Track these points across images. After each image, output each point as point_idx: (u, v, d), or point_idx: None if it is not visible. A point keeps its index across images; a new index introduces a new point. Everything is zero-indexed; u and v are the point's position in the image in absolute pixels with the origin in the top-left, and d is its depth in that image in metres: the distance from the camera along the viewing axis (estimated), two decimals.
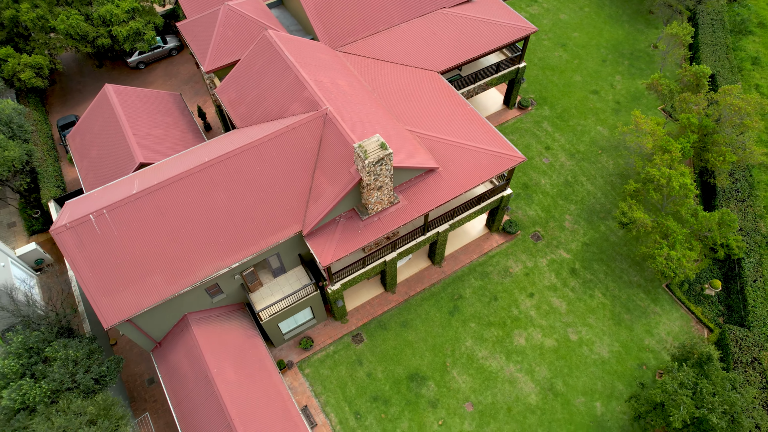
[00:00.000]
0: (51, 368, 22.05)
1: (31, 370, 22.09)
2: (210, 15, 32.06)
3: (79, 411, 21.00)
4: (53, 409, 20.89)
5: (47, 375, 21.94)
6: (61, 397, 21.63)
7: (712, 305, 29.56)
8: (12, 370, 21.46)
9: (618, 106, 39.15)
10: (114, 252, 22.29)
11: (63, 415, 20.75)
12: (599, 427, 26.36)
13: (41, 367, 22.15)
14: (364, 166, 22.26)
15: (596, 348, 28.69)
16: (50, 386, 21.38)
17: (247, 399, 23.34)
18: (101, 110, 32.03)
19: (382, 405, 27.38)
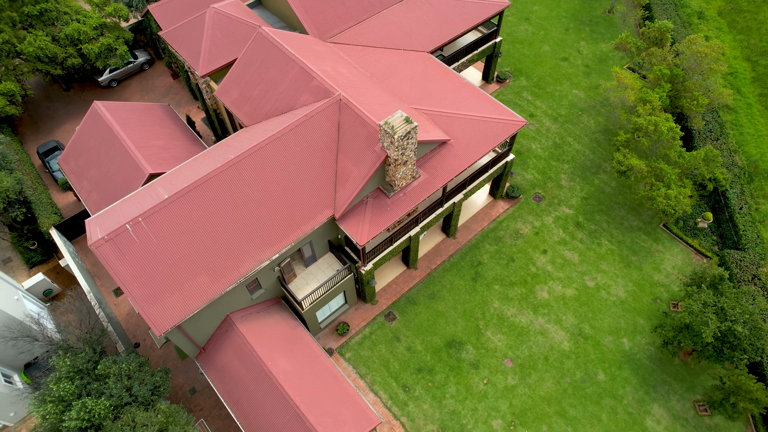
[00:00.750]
0: (106, 385, 21.63)
1: (86, 389, 21.59)
2: (195, 20, 31.86)
3: (146, 422, 20.76)
4: (119, 424, 20.56)
5: (104, 392, 21.52)
6: (123, 412, 21.28)
7: (706, 236, 32.21)
8: (69, 392, 20.93)
9: (588, 69, 41.61)
10: (155, 259, 22.09)
11: (130, 429, 20.47)
12: (630, 360, 28.31)
13: (95, 386, 21.69)
14: (392, 142, 23.06)
15: (613, 290, 30.70)
16: (111, 402, 21.00)
17: (307, 386, 23.67)
18: (94, 128, 31.25)
19: (427, 375, 28.28)
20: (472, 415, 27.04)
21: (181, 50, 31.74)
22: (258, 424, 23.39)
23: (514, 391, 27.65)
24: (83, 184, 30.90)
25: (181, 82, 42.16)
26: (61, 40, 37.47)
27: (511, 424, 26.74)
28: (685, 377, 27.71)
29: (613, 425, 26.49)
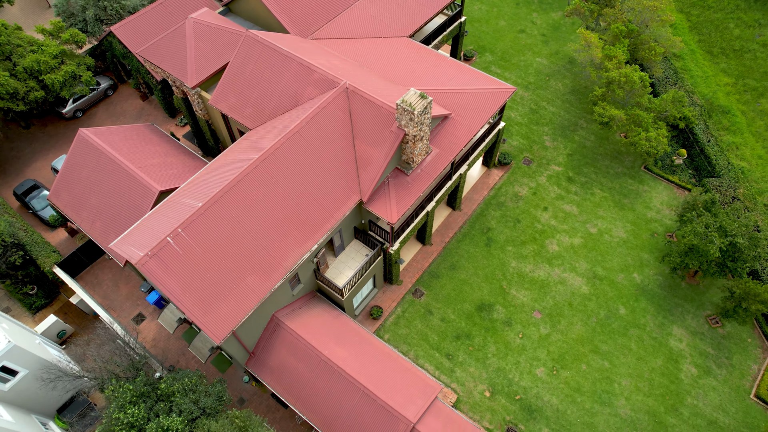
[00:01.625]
0: (174, 402, 21.27)
1: (154, 410, 21.13)
2: (173, 33, 31.36)
3: (222, 431, 20.64)
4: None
5: (172, 409, 21.16)
6: (196, 425, 21.02)
7: (683, 171, 35.31)
8: (138, 416, 20.44)
9: (545, 37, 44.22)
10: (201, 267, 21.92)
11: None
12: (644, 291, 30.71)
13: (162, 405, 21.28)
14: (412, 118, 24.00)
15: (614, 233, 33.09)
16: (183, 416, 20.71)
17: (367, 367, 24.20)
18: (84, 157, 30.17)
19: (465, 340, 29.45)
20: (516, 368, 28.47)
21: (165, 65, 31.15)
22: (326, 413, 23.68)
23: (549, 339, 29.34)
24: (83, 215, 29.75)
25: (152, 103, 41.05)
26: (19, 74, 35.63)
27: (552, 369, 28.39)
28: (693, 297, 30.41)
29: (642, 351, 28.71)
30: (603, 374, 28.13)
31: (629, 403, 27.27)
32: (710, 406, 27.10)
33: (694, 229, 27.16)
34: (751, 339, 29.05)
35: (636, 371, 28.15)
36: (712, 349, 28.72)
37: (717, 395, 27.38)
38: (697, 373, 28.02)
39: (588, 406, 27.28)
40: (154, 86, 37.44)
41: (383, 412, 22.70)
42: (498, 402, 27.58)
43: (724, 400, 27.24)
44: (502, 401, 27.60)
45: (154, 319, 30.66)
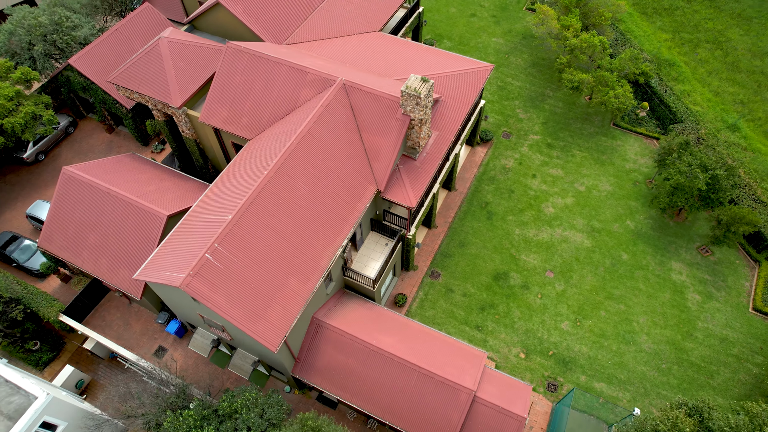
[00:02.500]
0: (240, 418, 20.93)
1: (221, 430, 20.70)
2: (146, 56, 30.47)
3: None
4: None
5: (238, 427, 20.82)
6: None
7: (648, 122, 38.23)
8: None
9: (496, 18, 46.32)
10: (243, 277, 21.68)
11: None
12: (639, 235, 33.07)
13: (229, 423, 20.89)
14: (418, 103, 24.80)
15: (601, 187, 35.36)
16: (254, 431, 20.45)
17: (416, 348, 24.73)
18: (74, 195, 28.79)
19: (490, 310, 30.58)
20: (543, 327, 29.91)
21: (143, 89, 30.20)
22: (385, 401, 24.00)
23: (565, 295, 31.02)
24: (84, 256, 28.37)
25: (120, 135, 39.45)
26: None
27: (576, 321, 30.06)
28: (683, 233, 33.10)
29: (650, 289, 30.96)
30: (621, 316, 30.11)
31: (650, 337, 29.37)
32: (718, 326, 29.68)
33: (679, 169, 29.65)
34: (738, 260, 32.02)
35: (649, 308, 30.34)
36: (709, 276, 31.42)
37: (722, 315, 30.02)
38: (701, 299, 30.58)
39: (615, 347, 29.13)
40: (123, 115, 36.08)
41: (443, 386, 23.33)
42: (534, 361, 28.89)
43: (729, 318, 29.90)
44: (538, 359, 28.94)
45: (177, 349, 29.68)
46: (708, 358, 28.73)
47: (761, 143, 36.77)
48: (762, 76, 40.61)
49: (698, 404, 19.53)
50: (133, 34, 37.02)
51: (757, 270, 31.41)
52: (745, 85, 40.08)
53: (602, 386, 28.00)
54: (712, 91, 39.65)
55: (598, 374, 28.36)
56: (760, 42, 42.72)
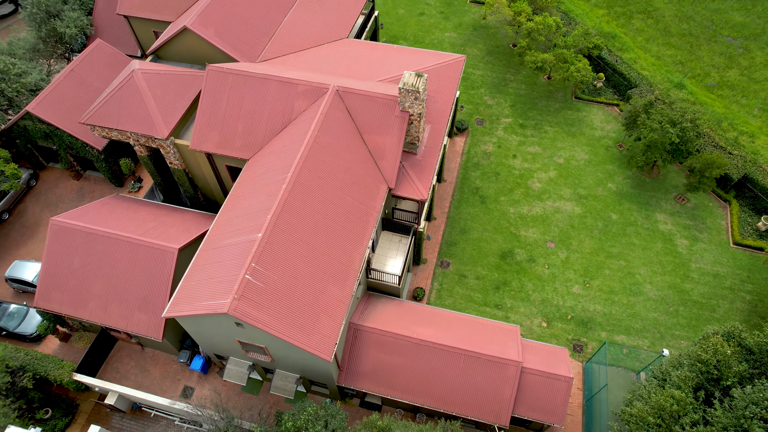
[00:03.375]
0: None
1: None
2: (122, 90, 29.29)
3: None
4: None
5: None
6: None
7: (606, 91, 40.96)
8: None
9: (443, 14, 48.01)
10: (284, 293, 21.43)
11: None
12: (622, 195, 35.35)
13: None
14: (417, 97, 25.52)
15: (578, 157, 37.52)
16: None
17: (454, 333, 25.30)
18: (70, 246, 27.27)
19: (505, 287, 31.68)
20: (556, 293, 31.34)
21: (124, 125, 29.02)
22: (437, 391, 24.37)
23: (569, 261, 32.66)
24: (90, 307, 26.87)
25: (89, 180, 37.49)
26: None
27: (585, 283, 31.73)
28: (659, 187, 35.73)
29: (643, 241, 33.20)
30: (624, 271, 32.09)
31: (653, 286, 31.50)
32: (709, 264, 32.29)
33: (651, 127, 32.09)
34: (711, 203, 34.98)
35: (646, 259, 32.53)
36: (690, 221, 34.12)
37: (710, 254, 32.69)
38: (689, 243, 33.15)
39: (625, 300, 31.00)
40: (94, 158, 34.42)
41: (490, 364, 24.01)
42: (556, 327, 30.21)
43: (716, 256, 32.61)
44: (559, 325, 30.29)
45: (204, 386, 28.61)
46: (707, 294, 31.18)
47: (705, 96, 40.32)
48: (691, 37, 44.54)
49: (730, 329, 21.34)
50: (90, 73, 35.50)
51: (728, 209, 34.43)
52: (679, 47, 43.82)
53: (622, 338, 29.73)
54: (653, 56, 43.06)
55: (616, 328, 30.08)
56: (683, 8, 46.83)
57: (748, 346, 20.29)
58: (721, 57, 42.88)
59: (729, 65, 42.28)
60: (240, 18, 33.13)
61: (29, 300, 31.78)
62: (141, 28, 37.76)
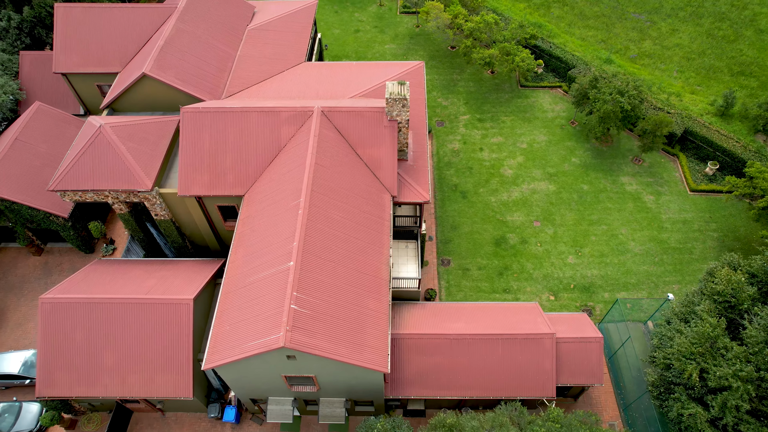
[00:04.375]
0: None
1: None
2: (91, 148, 27.54)
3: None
4: None
5: None
6: None
7: (546, 76, 44.02)
8: None
9: (378, 28, 49.48)
10: (329, 316, 21.19)
11: None
12: (587, 166, 38.08)
13: None
14: (404, 105, 26.33)
15: (538, 139, 39.98)
16: None
17: (485, 321, 26.07)
18: (68, 322, 25.22)
19: (507, 272, 33.02)
20: (554, 267, 33.13)
21: (101, 184, 27.34)
22: (481, 379, 24.96)
23: (558, 235, 34.66)
24: (104, 383, 24.95)
25: (53, 252, 34.70)
26: None
27: (577, 252, 33.80)
28: (616, 153, 38.89)
29: (616, 204, 35.95)
30: (608, 234, 34.55)
31: (636, 242, 34.16)
32: (677, 212, 35.55)
33: (604, 99, 35.01)
34: (663, 159, 38.59)
35: (623, 220, 35.24)
36: (650, 178, 37.41)
37: (675, 204, 36.00)
38: (655, 198, 36.33)
39: (615, 260, 33.36)
40: (60, 227, 32.03)
41: (527, 341, 24.99)
42: (563, 298, 31.89)
43: (679, 205, 35.96)
44: (565, 296, 32.00)
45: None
46: (681, 239, 34.29)
47: (631, 67, 44.47)
48: (605, 18, 49.02)
49: (729, 261, 23.78)
50: (37, 138, 33.17)
51: (678, 162, 38.14)
52: (598, 28, 48.08)
53: (623, 295, 31.94)
54: (578, 39, 46.93)
55: (615, 287, 32.27)
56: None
57: (752, 272, 22.73)
58: (634, 31, 47.55)
59: (642, 38, 46.96)
60: (194, 58, 32.45)
61: (19, 394, 28.85)
62: (82, 84, 35.85)
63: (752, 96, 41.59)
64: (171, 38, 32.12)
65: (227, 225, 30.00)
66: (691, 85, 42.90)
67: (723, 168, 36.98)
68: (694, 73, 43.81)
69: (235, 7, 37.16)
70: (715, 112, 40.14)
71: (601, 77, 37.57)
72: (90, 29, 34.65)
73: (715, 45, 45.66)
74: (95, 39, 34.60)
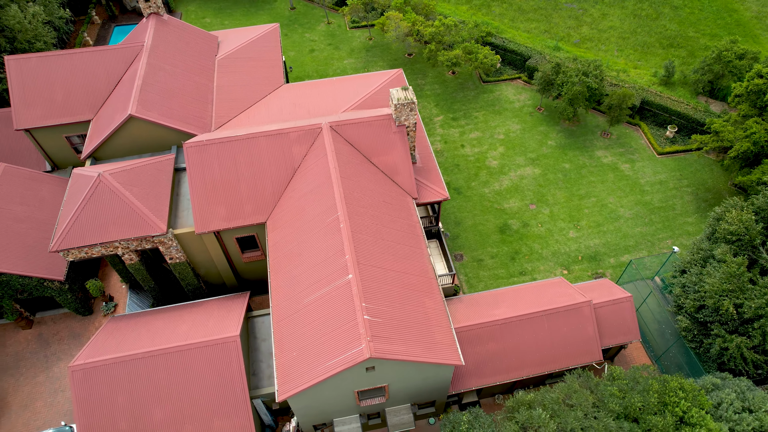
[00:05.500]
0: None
1: None
2: (92, 200, 25.85)
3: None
4: None
5: None
6: None
7: (505, 69, 46.40)
8: None
9: (332, 45, 50.01)
10: (398, 320, 21.19)
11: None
12: (563, 146, 40.45)
13: None
14: (412, 108, 27.02)
15: (512, 128, 41.98)
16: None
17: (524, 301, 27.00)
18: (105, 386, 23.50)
19: (518, 256, 34.33)
20: (559, 244, 34.88)
21: (110, 235, 25.68)
22: (533, 356, 25.81)
23: (554, 213, 36.52)
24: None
25: (45, 322, 31.88)
26: None
27: (575, 226, 35.76)
28: (585, 130, 41.63)
29: (598, 177, 38.46)
30: (598, 205, 36.87)
31: (624, 207, 36.71)
32: (651, 175, 38.60)
33: (572, 81, 37.53)
34: (627, 130, 41.80)
35: (608, 189, 37.77)
36: (621, 149, 40.40)
37: (648, 168, 39.08)
38: (630, 166, 39.25)
39: (611, 227, 35.65)
40: (55, 292, 29.61)
41: (569, 312, 26.16)
42: (575, 270, 33.61)
43: (653, 167, 39.09)
44: (576, 268, 33.75)
45: None
46: (662, 199, 37.26)
47: (577, 51, 47.89)
48: (542, 10, 52.50)
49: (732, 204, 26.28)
50: (11, 201, 30.61)
51: (641, 130, 41.49)
52: (538, 20, 51.41)
53: (626, 257, 34.17)
54: (524, 31, 49.94)
55: (618, 251, 34.46)
56: None
57: (755, 209, 25.30)
58: (570, 20, 51.33)
59: (579, 25, 50.79)
60: (174, 93, 31.47)
61: None
62: (47, 138, 33.50)
63: (685, 64, 46.15)
64: (147, 76, 30.97)
65: (245, 257, 29.10)
66: (632, 61, 46.89)
67: (680, 130, 40.66)
68: (632, 51, 47.95)
69: (200, 39, 36.38)
70: (659, 81, 44.12)
71: (563, 63, 40.26)
72: (50, 79, 32.56)
73: (643, 24, 50.27)
74: (58, 88, 32.56)
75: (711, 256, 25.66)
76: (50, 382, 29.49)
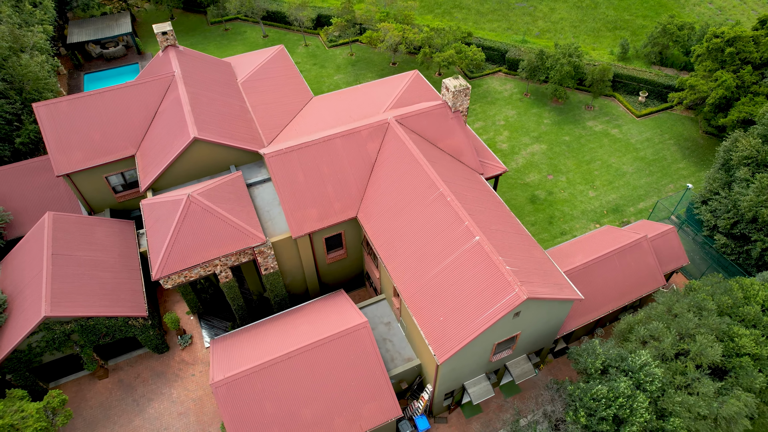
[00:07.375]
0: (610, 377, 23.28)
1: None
2: (184, 224, 25.84)
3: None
4: None
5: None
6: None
7: (486, 65, 50.77)
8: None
9: (317, 64, 51.99)
10: (524, 267, 23.47)
11: None
12: (558, 123, 45.11)
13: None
14: (467, 94, 29.88)
15: (509, 114, 46.12)
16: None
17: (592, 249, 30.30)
18: (248, 396, 23.66)
19: (553, 220, 37.89)
20: (584, 203, 38.94)
21: (210, 253, 25.76)
22: (613, 290, 29.08)
23: (571, 180, 40.68)
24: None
25: (120, 369, 30.51)
26: None
27: (593, 187, 40.10)
28: (572, 107, 46.68)
29: (597, 144, 43.33)
30: (605, 166, 41.57)
31: (627, 165, 41.71)
32: (638, 135, 44.12)
33: (560, 64, 42.33)
34: (606, 101, 47.38)
35: (608, 152, 42.69)
36: (606, 117, 45.77)
37: (636, 131, 44.61)
38: (619, 131, 44.60)
39: (621, 182, 40.38)
40: (138, 331, 28.74)
41: (633, 249, 29.69)
42: (604, 223, 37.69)
43: (637, 129, 44.68)
44: (605, 221, 37.87)
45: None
46: (654, 152, 42.75)
47: (542, 42, 53.47)
48: (498, 11, 57.92)
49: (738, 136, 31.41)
50: (71, 247, 29.52)
51: (616, 99, 47.22)
52: (498, 20, 56.71)
53: (642, 205, 38.86)
54: (490, 31, 54.93)
55: (633, 200, 39.12)
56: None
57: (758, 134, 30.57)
58: (525, 16, 57.16)
59: (534, 20, 56.70)
60: (220, 115, 32.09)
61: None
62: (87, 181, 32.48)
63: (631, 42, 53.10)
64: (192, 103, 31.37)
65: (330, 257, 30.07)
66: (589, 44, 53.17)
67: (649, 94, 46.84)
68: (586, 36, 54.35)
69: (218, 66, 37.13)
70: (617, 58, 50.49)
71: (546, 51, 45.19)
72: (85, 121, 31.90)
73: (587, 13, 57.16)
74: (95, 129, 31.93)
75: (731, 180, 30.51)
76: (149, 423, 28.37)
